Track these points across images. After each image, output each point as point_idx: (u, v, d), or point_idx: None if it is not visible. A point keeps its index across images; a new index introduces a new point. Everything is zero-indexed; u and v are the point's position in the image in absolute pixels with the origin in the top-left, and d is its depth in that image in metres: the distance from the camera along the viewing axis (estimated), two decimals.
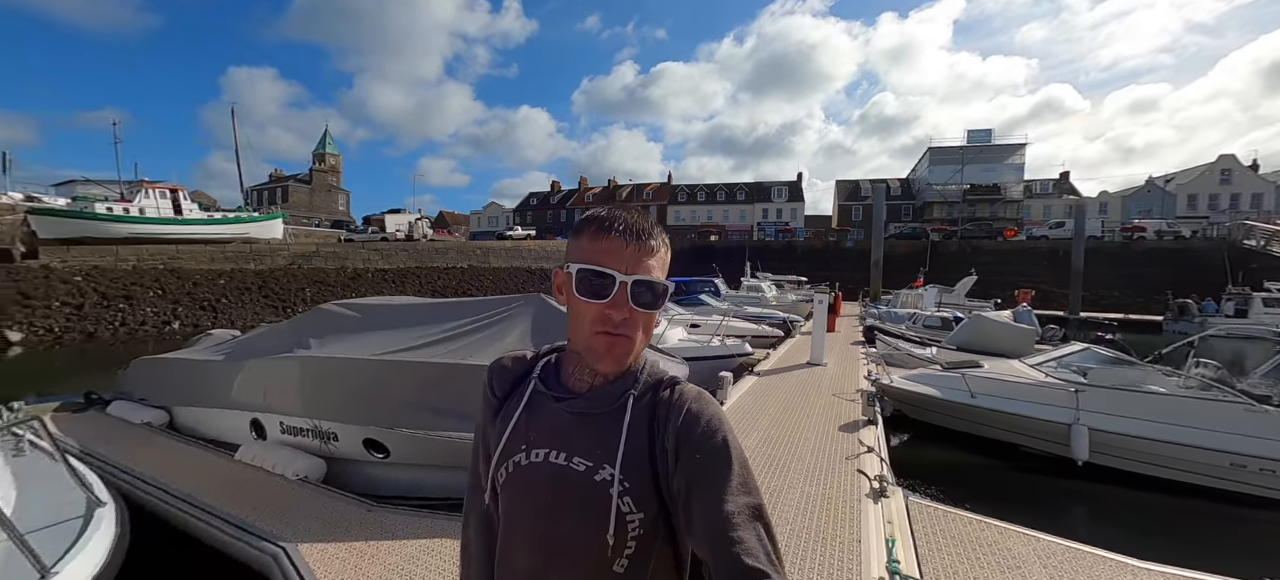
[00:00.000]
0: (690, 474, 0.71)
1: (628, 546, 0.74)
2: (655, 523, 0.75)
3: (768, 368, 8.76)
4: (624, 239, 0.74)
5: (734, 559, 0.64)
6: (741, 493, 0.69)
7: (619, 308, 0.73)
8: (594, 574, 0.75)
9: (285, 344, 4.47)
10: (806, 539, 3.20)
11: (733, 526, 0.66)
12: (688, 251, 41.95)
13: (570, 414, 0.79)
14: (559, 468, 0.77)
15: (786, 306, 17.45)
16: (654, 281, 0.74)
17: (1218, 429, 5.01)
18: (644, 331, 0.77)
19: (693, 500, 0.70)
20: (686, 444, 0.72)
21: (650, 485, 0.74)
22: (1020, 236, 41.14)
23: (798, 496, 3.81)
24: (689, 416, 0.74)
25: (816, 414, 6.07)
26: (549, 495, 0.77)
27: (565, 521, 0.76)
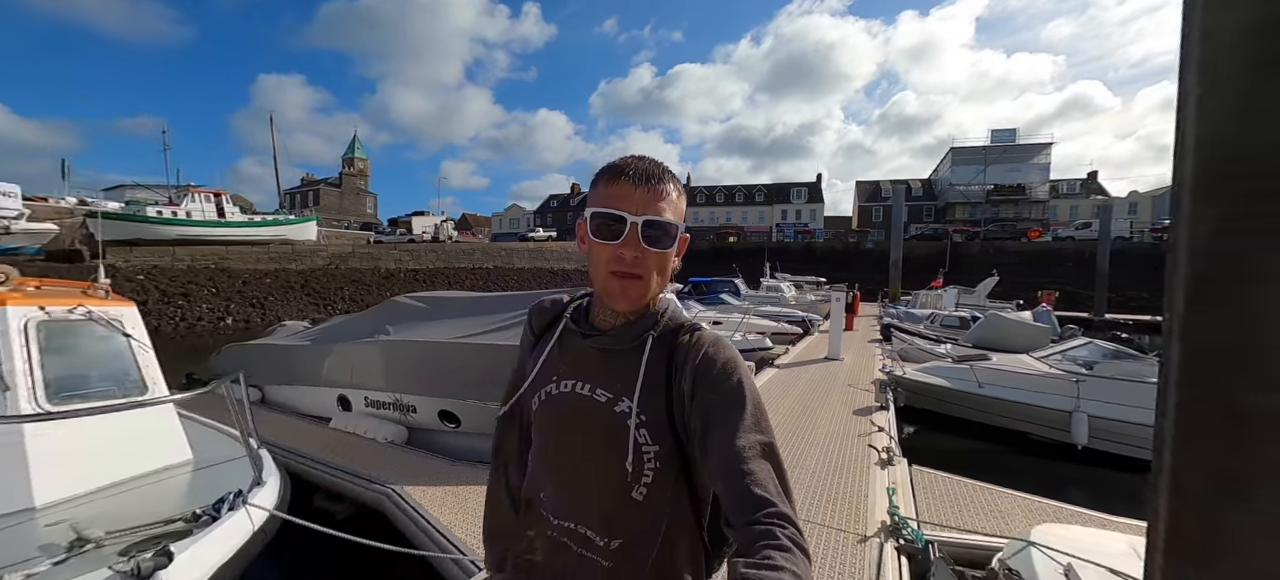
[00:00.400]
0: (706, 411, 0.75)
1: (645, 475, 0.79)
2: (670, 456, 0.79)
3: (787, 361, 9.29)
4: (635, 183, 0.78)
5: (744, 490, 0.67)
6: (754, 430, 0.73)
7: (631, 247, 0.77)
8: (614, 497, 0.80)
9: (366, 330, 5.22)
10: (820, 498, 3.75)
11: (744, 460, 0.69)
12: (707, 253, 42.37)
13: (595, 350, 0.85)
14: (583, 397, 0.83)
15: (805, 306, 17.86)
16: (665, 221, 0.78)
17: None
18: (658, 272, 0.80)
19: (708, 436, 0.73)
20: (703, 383, 0.77)
21: (665, 420, 0.79)
22: (1045, 238, 40.60)
23: (814, 465, 4.37)
24: (706, 358, 0.78)
25: (832, 401, 6.59)
26: (574, 422, 0.83)
27: (588, 447, 0.82)
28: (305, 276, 24.26)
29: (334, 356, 5.20)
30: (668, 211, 0.78)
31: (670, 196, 0.79)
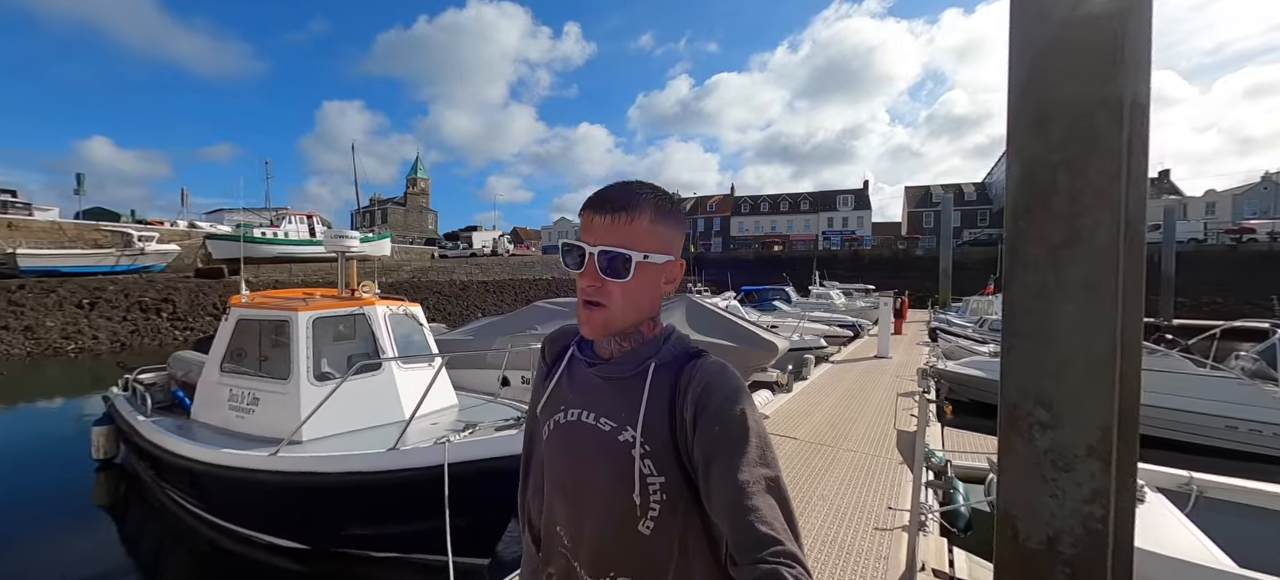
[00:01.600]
0: (708, 445, 0.73)
1: (651, 508, 0.77)
2: (677, 489, 0.77)
3: (839, 359, 10.49)
4: (598, 212, 0.78)
5: (748, 527, 0.66)
6: (758, 464, 0.71)
7: (588, 277, 0.78)
8: (622, 531, 0.78)
9: (521, 325, 6.95)
10: (868, 456, 5.06)
11: (748, 495, 0.68)
12: (753, 262, 43.28)
13: (599, 378, 0.85)
14: (589, 426, 0.82)
15: (855, 312, 18.76)
16: (618, 251, 0.76)
17: (1216, 399, 6.32)
18: (625, 300, 0.79)
19: (711, 471, 0.72)
20: (704, 415, 0.74)
21: (670, 450, 0.77)
22: None
23: (862, 430, 5.66)
24: (707, 389, 0.76)
25: (879, 390, 7.80)
26: (581, 451, 0.83)
27: (595, 477, 0.81)
28: (398, 288, 27.16)
29: (496, 345, 6.93)
30: (633, 241, 0.77)
31: (637, 222, 0.78)
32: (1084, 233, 2.03)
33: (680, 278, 0.85)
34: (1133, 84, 1.95)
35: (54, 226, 28.43)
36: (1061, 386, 2.12)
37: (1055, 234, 2.09)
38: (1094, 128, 1.97)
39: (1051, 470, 2.12)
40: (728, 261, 43.42)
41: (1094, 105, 1.97)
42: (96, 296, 18.56)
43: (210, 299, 20.77)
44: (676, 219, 0.83)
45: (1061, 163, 2.05)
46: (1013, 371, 2.23)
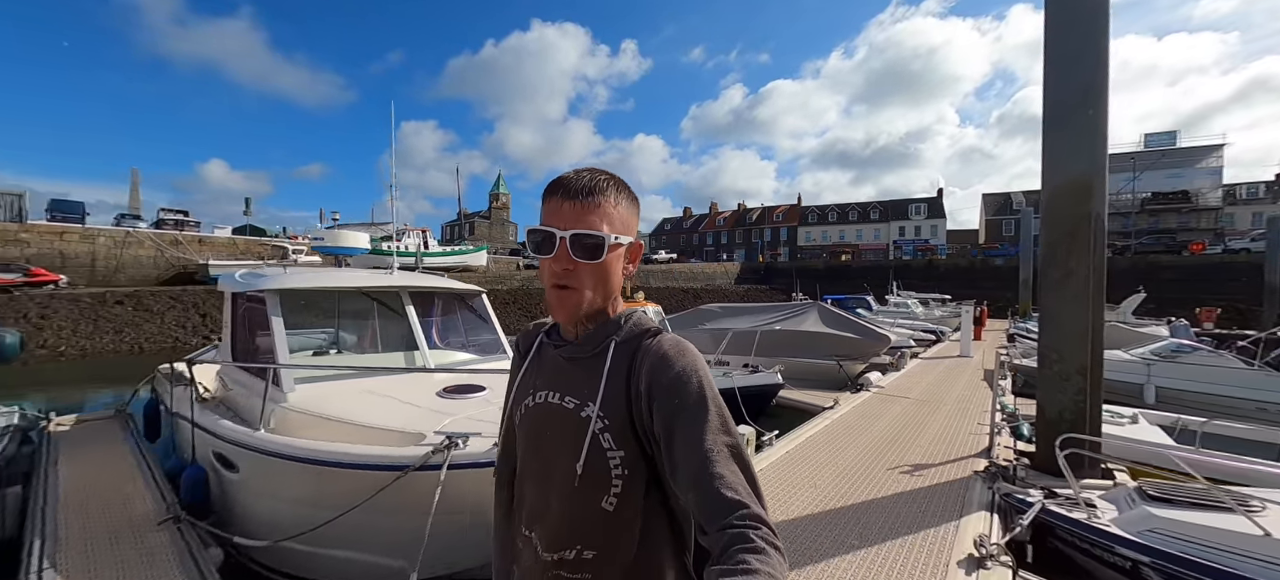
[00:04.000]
0: (667, 417, 0.76)
1: (614, 485, 0.81)
2: (636, 462, 0.81)
3: (927, 356, 12.48)
4: (565, 198, 0.81)
5: (715, 493, 0.68)
6: (720, 433, 0.73)
7: (561, 261, 0.80)
8: (585, 506, 0.82)
9: (691, 323, 9.64)
10: (953, 426, 7.24)
11: (712, 463, 0.70)
12: (822, 272, 44.39)
13: (564, 358, 0.89)
14: (554, 406, 0.86)
15: (934, 321, 20.22)
16: (592, 234, 0.79)
17: (1244, 385, 7.98)
18: (595, 281, 0.82)
19: (674, 443, 0.75)
20: (660, 389, 0.77)
21: (628, 425, 0.80)
22: (1214, 250, 37.20)
23: (949, 408, 7.83)
24: (662, 362, 0.79)
25: (963, 381, 9.82)
26: (547, 431, 0.87)
27: (559, 455, 0.84)
28: (514, 295, 31.26)
29: None
30: (601, 224, 0.80)
31: (604, 208, 0.81)
32: (1076, 266, 4.39)
33: (640, 258, 0.90)
34: (1098, 206, 4.32)
35: (229, 241, 34.38)
36: (1066, 341, 4.49)
37: (1061, 269, 4.47)
38: (1077, 225, 4.36)
39: (1060, 382, 4.49)
40: (797, 271, 44.79)
41: (1078, 218, 4.36)
42: None
43: None
44: (634, 202, 0.87)
45: (1061, 237, 4.45)
46: (1044, 335, 4.64)
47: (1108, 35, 4.30)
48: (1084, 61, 4.27)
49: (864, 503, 3.95)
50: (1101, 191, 4.31)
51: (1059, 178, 4.42)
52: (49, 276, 22.20)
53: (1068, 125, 4.37)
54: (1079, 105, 4.30)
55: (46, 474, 4.22)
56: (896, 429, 6.20)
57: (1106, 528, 3.19)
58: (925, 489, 4.24)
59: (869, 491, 4.18)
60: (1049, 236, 4.61)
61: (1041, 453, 4.60)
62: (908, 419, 6.70)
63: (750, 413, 5.58)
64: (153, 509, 3.59)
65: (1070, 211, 4.37)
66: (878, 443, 5.60)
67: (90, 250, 25.35)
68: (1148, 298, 24.14)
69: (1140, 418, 5.62)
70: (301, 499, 3.08)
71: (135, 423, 6.03)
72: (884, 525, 3.55)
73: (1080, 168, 4.33)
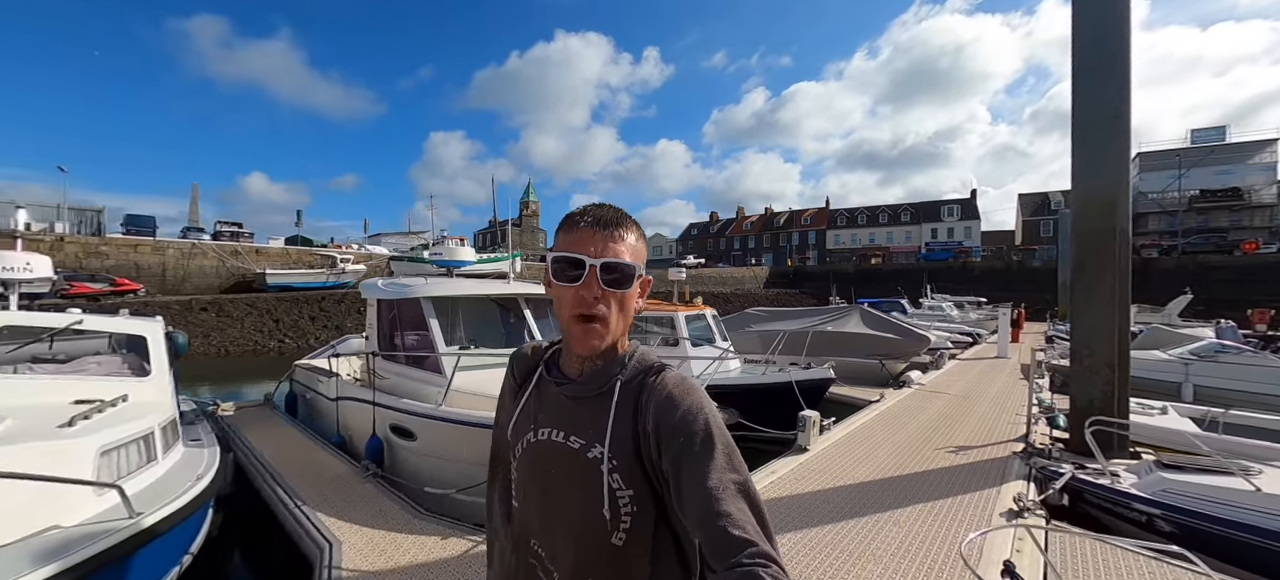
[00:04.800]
0: (675, 456, 0.75)
1: (623, 521, 0.80)
2: (645, 501, 0.81)
3: (964, 357, 12.92)
4: (593, 228, 0.81)
5: (722, 532, 0.67)
6: (727, 470, 0.73)
7: (590, 288, 0.80)
8: (595, 544, 0.81)
9: (739, 325, 10.40)
10: (993, 418, 7.79)
11: (719, 501, 0.69)
12: (853, 275, 44.29)
13: (567, 397, 0.87)
14: (559, 445, 0.85)
15: (970, 323, 20.40)
16: (621, 263, 0.80)
17: (1269, 382, 8.30)
18: (619, 313, 0.82)
19: (681, 481, 0.74)
20: (667, 427, 0.77)
21: (636, 464, 0.80)
22: (1269, 249, 35.82)
23: (988, 403, 8.38)
24: (669, 401, 0.79)
25: (1000, 380, 10.30)
26: (553, 470, 0.86)
27: (567, 494, 0.84)
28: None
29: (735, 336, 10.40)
30: (626, 255, 0.81)
31: (628, 240, 0.82)
32: (1104, 274, 5.04)
33: (648, 293, 0.89)
34: (1122, 220, 4.96)
35: (283, 252, 36.26)
36: (1096, 339, 5.14)
37: (1091, 276, 5.12)
38: (1103, 238, 5.01)
39: (1090, 375, 5.14)
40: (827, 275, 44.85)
41: (1104, 231, 5.01)
42: (319, 306, 24.79)
43: None
44: (644, 239, 0.88)
45: (1089, 247, 5.10)
46: (1075, 334, 5.29)
47: (1130, 67, 4.93)
48: (1108, 90, 4.92)
49: (916, 474, 4.68)
50: (1125, 206, 4.95)
51: (1086, 193, 5.07)
52: (131, 285, 24.32)
53: (1093, 147, 5.02)
54: (1104, 129, 4.96)
55: (244, 443, 5.29)
56: (940, 419, 6.86)
57: (1127, 490, 3.85)
58: (969, 464, 4.94)
59: (920, 465, 4.90)
60: (1078, 246, 5.26)
61: (1074, 437, 5.23)
62: (949, 411, 7.33)
63: (807, 403, 6.27)
64: (348, 468, 4.60)
65: (1097, 224, 5.02)
66: (924, 429, 6.28)
67: (161, 261, 27.36)
68: (1197, 299, 23.66)
69: (1170, 409, 6.15)
70: (469, 459, 4.00)
71: (278, 409, 7.17)
72: (935, 488, 4.28)
73: (1105, 185, 4.98)
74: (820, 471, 4.72)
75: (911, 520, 3.70)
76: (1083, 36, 4.98)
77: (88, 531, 2.44)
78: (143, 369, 4.09)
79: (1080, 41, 4.99)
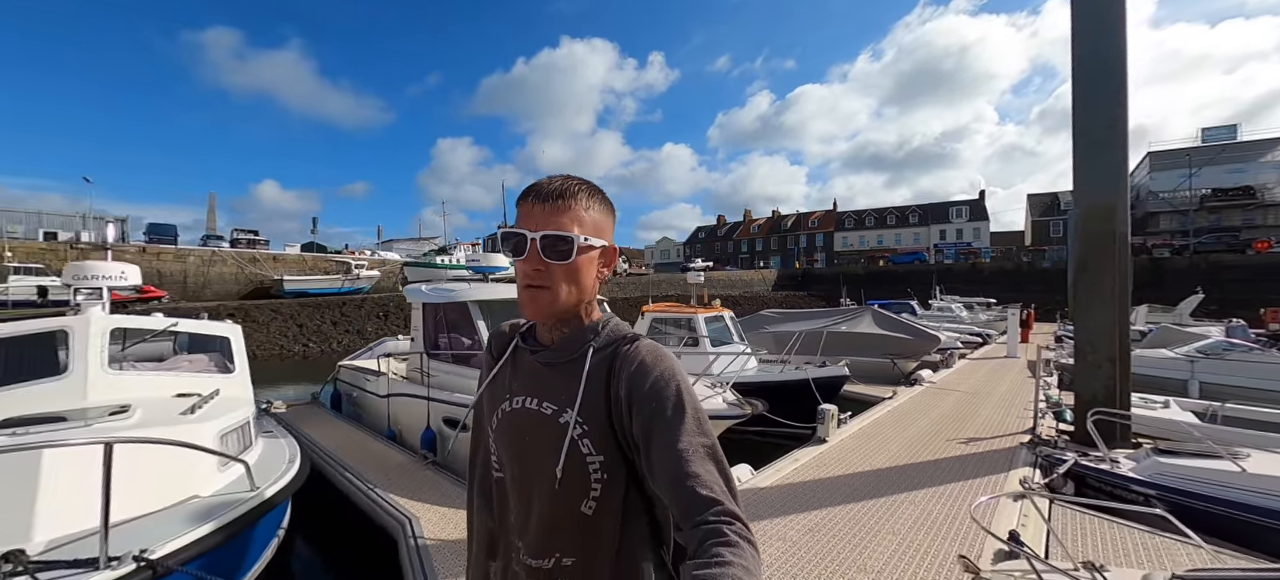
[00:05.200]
0: (646, 420, 0.77)
1: (593, 489, 0.81)
2: (615, 468, 0.82)
3: (974, 357, 13.19)
4: (536, 201, 0.82)
5: (690, 492, 0.70)
6: (696, 434, 0.75)
7: (531, 261, 0.80)
8: (565, 512, 0.82)
9: (759, 325, 10.78)
10: (1001, 413, 8.10)
11: (688, 463, 0.72)
12: (862, 277, 44.42)
13: (540, 363, 0.89)
14: (532, 411, 0.86)
15: (979, 324, 20.60)
16: (562, 234, 0.80)
17: (1273, 378, 8.53)
18: (567, 282, 0.82)
19: (651, 445, 0.76)
20: (638, 394, 0.78)
21: (607, 429, 0.82)
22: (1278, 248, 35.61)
23: (997, 399, 8.68)
24: (641, 368, 0.80)
25: (1009, 378, 10.56)
26: (526, 436, 0.87)
27: (539, 461, 0.84)
28: None
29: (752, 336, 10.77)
30: (571, 226, 0.81)
31: (575, 210, 0.82)
32: (1105, 276, 5.37)
33: (615, 262, 0.90)
34: (1120, 225, 5.31)
35: (299, 258, 36.96)
36: (1098, 336, 5.47)
37: (1093, 277, 5.45)
38: (1104, 242, 5.35)
39: (1093, 370, 5.47)
40: (836, 276, 44.98)
41: (1105, 236, 5.34)
42: (339, 312, 25.39)
43: None
44: (607, 206, 0.88)
45: (1091, 251, 5.44)
46: (1079, 332, 5.62)
47: (1126, 81, 5.27)
48: (1106, 104, 5.26)
49: (928, 462, 5.04)
50: (1124, 211, 5.28)
51: (1087, 200, 5.42)
52: (156, 293, 25.01)
53: (1093, 157, 5.37)
54: (1103, 141, 5.30)
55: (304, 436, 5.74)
56: (950, 414, 7.19)
57: (1125, 473, 4.19)
58: (979, 454, 5.28)
59: (931, 455, 5.25)
60: (1080, 250, 5.60)
61: (1079, 430, 5.55)
62: (960, 407, 7.66)
63: (823, 400, 6.64)
64: (405, 458, 5.03)
65: (1098, 229, 5.36)
66: (935, 423, 6.62)
67: (182, 268, 28.05)
68: (1209, 299, 23.68)
69: (1172, 403, 6.45)
70: None
71: (325, 406, 7.64)
72: (946, 474, 4.64)
73: (1105, 192, 5.33)
74: (839, 460, 5.09)
75: (924, 501, 4.06)
76: (1082, 53, 5.33)
77: (224, 500, 2.87)
78: (226, 367, 4.55)
79: (1080, 58, 5.34)
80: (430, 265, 38.28)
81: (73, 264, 4.42)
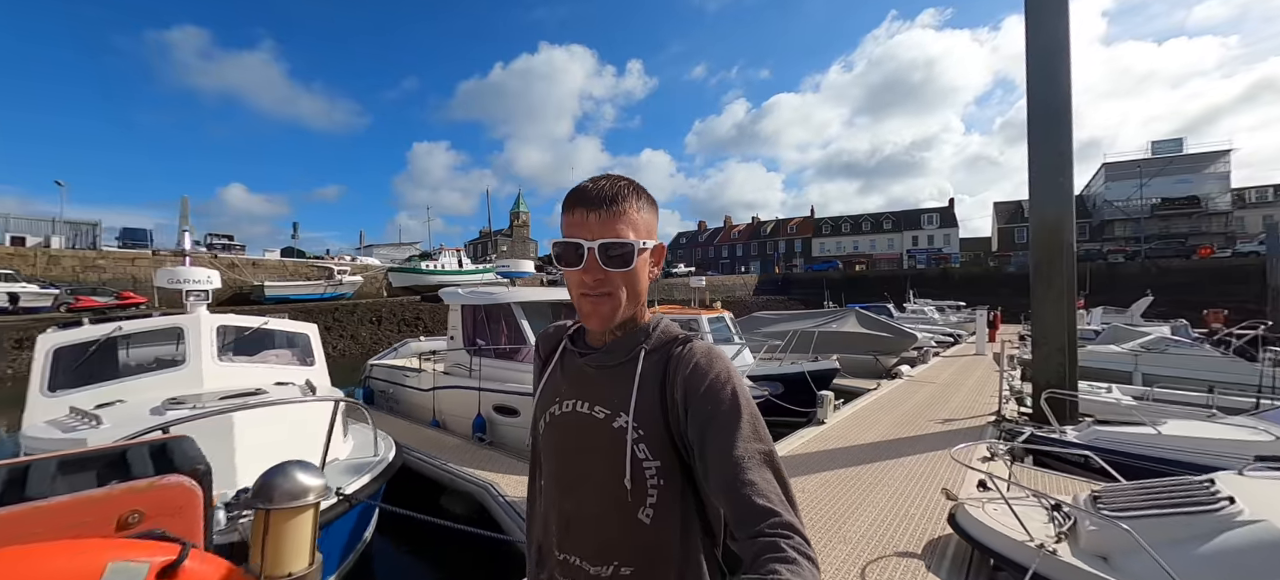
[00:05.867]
0: (701, 425, 0.75)
1: (650, 495, 0.79)
2: (672, 472, 0.80)
3: (947, 354, 14.34)
4: (590, 208, 0.80)
5: (746, 501, 0.68)
6: (752, 440, 0.73)
7: (592, 271, 0.80)
8: (621, 520, 0.80)
9: (754, 327, 11.63)
10: (971, 400, 9.13)
11: (744, 470, 0.70)
12: (839, 281, 46.02)
13: (592, 367, 0.87)
14: (583, 415, 0.85)
15: (950, 326, 21.96)
16: (621, 242, 0.79)
17: (1210, 369, 9.77)
18: (628, 288, 0.82)
19: (706, 449, 0.74)
20: (694, 396, 0.77)
21: (664, 433, 0.79)
22: (1223, 254, 38.39)
23: (967, 390, 9.70)
24: (696, 370, 0.78)
25: (978, 372, 11.67)
26: (578, 441, 0.85)
27: (592, 465, 0.83)
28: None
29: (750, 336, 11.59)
30: (627, 231, 0.80)
31: (629, 215, 0.81)
32: (1055, 278, 6.38)
33: (663, 259, 0.89)
34: (1069, 237, 6.33)
35: (279, 264, 36.08)
36: (1049, 328, 6.49)
37: (1047, 278, 6.46)
38: (1055, 251, 6.36)
39: (1047, 357, 6.48)
40: (815, 282, 46.48)
41: (1056, 246, 6.36)
42: (333, 316, 25.45)
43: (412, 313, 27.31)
44: (653, 205, 0.86)
45: (1043, 259, 6.45)
46: (1035, 327, 6.63)
47: (1071, 119, 6.29)
48: (1055, 139, 6.28)
49: (911, 438, 5.93)
50: (1071, 226, 6.29)
51: (1041, 217, 6.42)
52: (137, 299, 24.48)
53: (1045, 182, 6.38)
54: (1053, 168, 6.31)
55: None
56: (928, 401, 8.16)
57: (1069, 439, 5.14)
58: (952, 431, 6.21)
59: (913, 433, 6.16)
60: (1036, 257, 6.60)
61: (1036, 411, 6.52)
62: (935, 396, 8.65)
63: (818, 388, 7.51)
64: (459, 441, 5.70)
65: (1050, 241, 6.36)
66: (915, 408, 7.56)
67: None
68: (1158, 301, 25.59)
69: (1114, 389, 7.52)
70: None
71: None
72: (926, 446, 5.54)
73: (1055, 211, 6.34)
74: (836, 438, 5.95)
75: (910, 466, 4.93)
76: (1034, 101, 6.35)
77: (358, 462, 3.53)
78: (306, 360, 5.16)
79: (1033, 104, 6.36)
80: (415, 271, 38.12)
81: (166, 270, 5.00)
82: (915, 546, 3.42)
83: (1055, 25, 6.24)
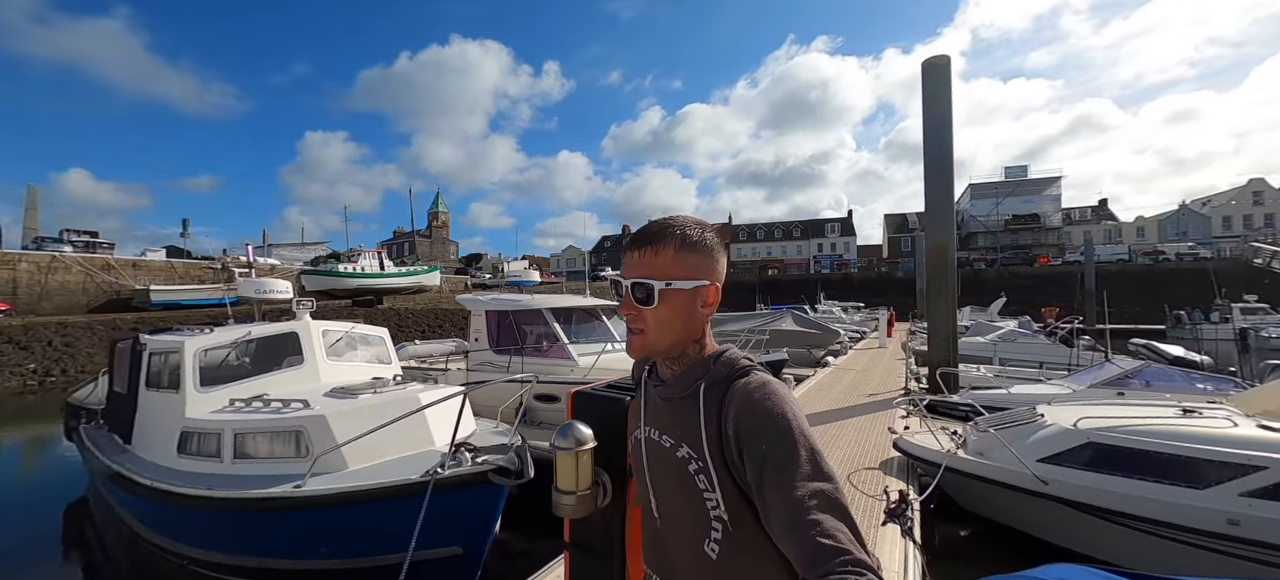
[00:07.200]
0: (757, 465, 0.74)
1: (713, 529, 0.80)
2: (735, 506, 0.79)
3: (859, 347, 17.19)
4: (631, 248, 0.87)
5: (811, 541, 0.66)
6: (811, 479, 0.70)
7: (626, 306, 0.85)
8: (689, 552, 0.84)
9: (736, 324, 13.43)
10: (885, 379, 11.54)
11: (807, 510, 0.68)
12: (758, 284, 50.05)
13: (661, 398, 0.91)
14: (654, 442, 0.90)
15: (855, 324, 25.54)
16: (640, 282, 0.83)
17: (1040, 352, 13.08)
18: (658, 323, 0.84)
19: (765, 492, 0.72)
20: (746, 433, 0.76)
21: (722, 467, 0.79)
22: (1055, 262, 47.04)
23: (880, 372, 12.19)
24: (748, 405, 0.77)
25: (885, 359, 14.41)
26: (654, 467, 0.90)
27: (667, 490, 0.88)
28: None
29: None
30: (653, 272, 0.83)
31: (665, 253, 0.83)
32: (944, 287, 8.76)
33: (717, 301, 0.88)
34: (952, 255, 8.72)
35: (167, 266, 31.54)
36: (939, 325, 8.88)
37: (938, 288, 8.82)
38: (943, 265, 8.74)
39: (938, 345, 8.86)
40: (735, 285, 50.10)
41: (944, 262, 8.74)
42: None
43: None
44: (702, 248, 0.85)
45: (935, 271, 8.82)
46: (930, 322, 9.01)
47: (953, 170, 8.67)
48: (942, 184, 8.63)
49: (849, 406, 7.94)
50: (953, 247, 8.69)
51: (933, 240, 8.78)
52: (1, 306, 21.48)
53: (935, 215, 8.73)
54: (941, 205, 8.67)
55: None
56: (853, 383, 10.39)
57: (954, 401, 7.38)
58: (876, 400, 8.33)
59: (850, 402, 8.19)
60: (929, 270, 8.95)
61: (931, 384, 8.87)
62: (857, 378, 10.95)
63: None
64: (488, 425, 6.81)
65: (939, 259, 8.71)
66: (847, 386, 9.72)
67: (11, 276, 22.84)
68: (1010, 301, 31.25)
69: (983, 368, 10.16)
70: None
71: None
72: (863, 411, 7.54)
73: (943, 237, 8.70)
74: None
75: (858, 423, 6.87)
76: (929, 154, 8.69)
77: (489, 442, 4.65)
78: (382, 359, 6.02)
79: (927, 158, 8.70)
80: (331, 273, 35.59)
81: (252, 281, 5.67)
82: (875, 464, 5.24)
83: (943, 102, 8.61)
